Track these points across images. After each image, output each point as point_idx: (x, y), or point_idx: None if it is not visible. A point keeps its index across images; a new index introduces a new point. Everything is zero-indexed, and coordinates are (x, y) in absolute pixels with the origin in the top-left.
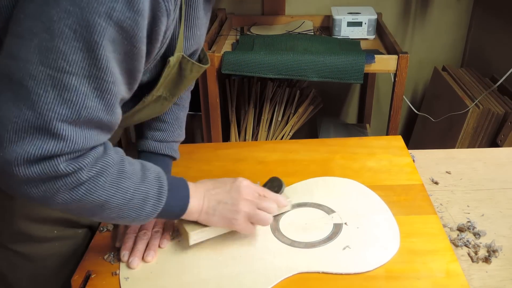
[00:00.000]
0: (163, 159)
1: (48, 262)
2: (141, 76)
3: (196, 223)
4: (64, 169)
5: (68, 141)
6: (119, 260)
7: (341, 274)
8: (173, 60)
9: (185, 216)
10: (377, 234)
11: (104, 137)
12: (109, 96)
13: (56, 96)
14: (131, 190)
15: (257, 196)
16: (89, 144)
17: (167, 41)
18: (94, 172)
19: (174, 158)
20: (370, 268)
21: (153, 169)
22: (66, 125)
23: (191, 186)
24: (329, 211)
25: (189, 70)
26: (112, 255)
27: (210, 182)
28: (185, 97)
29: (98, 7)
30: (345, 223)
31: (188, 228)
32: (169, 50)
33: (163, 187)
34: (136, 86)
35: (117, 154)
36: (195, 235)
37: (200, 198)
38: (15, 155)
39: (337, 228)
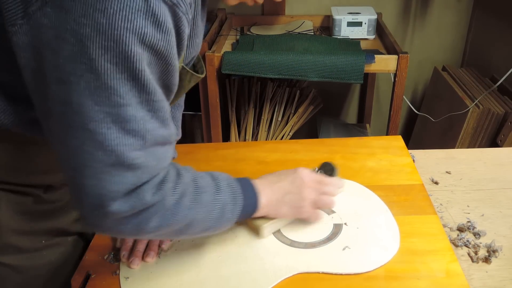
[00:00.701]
0: None
1: (38, 271)
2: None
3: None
4: (151, 199)
5: (144, 168)
6: (119, 260)
7: (341, 274)
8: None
9: (256, 214)
10: (377, 234)
11: (170, 151)
12: (161, 113)
13: (119, 130)
14: (211, 203)
15: (318, 182)
16: (162, 163)
17: None
18: (177, 195)
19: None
20: (370, 268)
21: (222, 177)
22: (137, 153)
23: (256, 183)
24: (329, 211)
25: (188, 81)
26: (112, 255)
27: (272, 176)
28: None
29: (130, 36)
30: (345, 223)
31: (258, 222)
32: None
33: (237, 192)
34: (172, 97)
35: (188, 172)
36: (267, 228)
37: (267, 193)
38: (102, 198)
39: (337, 229)
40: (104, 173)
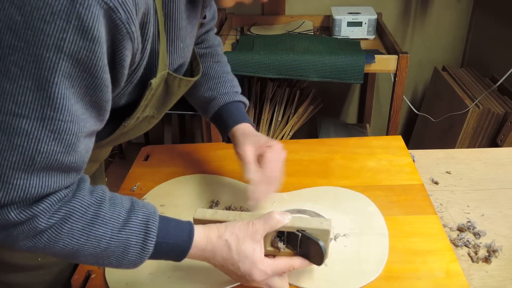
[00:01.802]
0: (238, 105)
1: None
2: (113, 102)
3: None
4: (15, 217)
5: (19, 191)
6: None
7: None
8: (155, 82)
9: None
10: (361, 256)
11: (69, 179)
12: (68, 137)
13: (5, 141)
14: (106, 238)
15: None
16: (47, 190)
17: (143, 63)
18: (56, 219)
19: (245, 105)
20: None
21: (143, 212)
22: (18, 173)
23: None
24: None
25: (177, 87)
26: None
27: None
28: (220, 53)
29: (45, 39)
30: (334, 239)
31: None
32: (150, 71)
33: (150, 234)
34: (107, 115)
35: (92, 196)
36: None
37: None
38: None
39: None
40: None
